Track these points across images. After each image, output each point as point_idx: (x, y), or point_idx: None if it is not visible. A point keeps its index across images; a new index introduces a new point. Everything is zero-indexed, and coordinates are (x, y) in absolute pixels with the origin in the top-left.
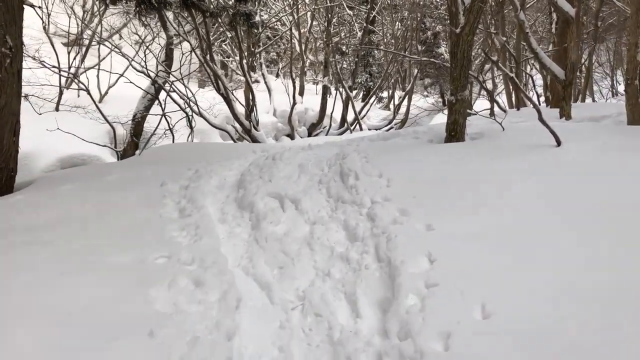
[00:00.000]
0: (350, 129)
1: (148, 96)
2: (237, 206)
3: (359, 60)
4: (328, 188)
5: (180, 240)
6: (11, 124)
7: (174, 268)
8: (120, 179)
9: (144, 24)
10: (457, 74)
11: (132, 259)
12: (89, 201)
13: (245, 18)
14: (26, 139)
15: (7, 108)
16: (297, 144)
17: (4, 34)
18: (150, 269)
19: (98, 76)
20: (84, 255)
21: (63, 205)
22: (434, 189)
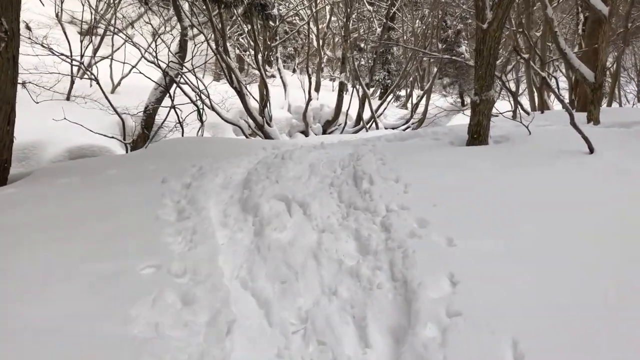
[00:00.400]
0: (366, 127)
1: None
2: (241, 208)
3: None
4: (340, 192)
5: (174, 247)
6: (5, 113)
7: (162, 281)
8: (121, 173)
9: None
10: (483, 73)
11: (117, 268)
12: (85, 197)
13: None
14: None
15: (1, 95)
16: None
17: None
18: (135, 280)
19: (111, 66)
20: (67, 261)
21: (56, 201)
22: (455, 197)
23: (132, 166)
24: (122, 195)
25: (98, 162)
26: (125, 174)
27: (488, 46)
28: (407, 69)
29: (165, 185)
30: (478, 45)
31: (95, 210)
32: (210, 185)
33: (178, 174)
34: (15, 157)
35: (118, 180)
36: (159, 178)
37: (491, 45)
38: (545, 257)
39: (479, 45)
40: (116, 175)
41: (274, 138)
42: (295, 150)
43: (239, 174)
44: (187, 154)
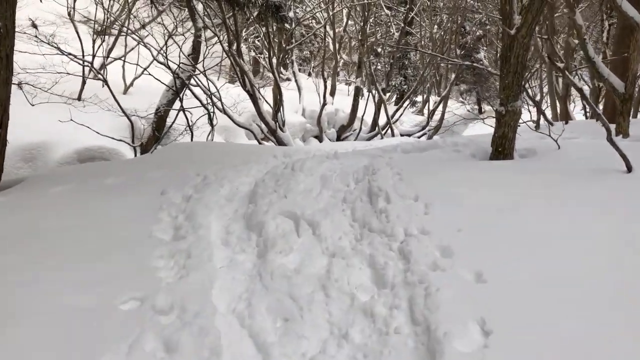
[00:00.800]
0: (381, 133)
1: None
2: (245, 225)
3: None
4: (353, 209)
5: (164, 273)
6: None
7: (143, 319)
8: (119, 182)
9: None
10: (509, 82)
11: (94, 301)
12: (75, 209)
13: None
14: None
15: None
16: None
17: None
18: (112, 319)
19: (123, 67)
20: (38, 290)
21: (43, 212)
22: (482, 221)
23: (133, 174)
24: (116, 208)
25: (97, 169)
26: (123, 183)
27: (515, 53)
28: (424, 75)
29: (164, 197)
30: (504, 52)
31: (84, 224)
32: (214, 198)
33: (180, 183)
34: (23, 157)
35: (115, 189)
36: (159, 188)
37: (519, 52)
38: (594, 297)
39: (506, 52)
40: (114, 184)
41: (286, 143)
42: (306, 161)
43: (247, 184)
44: (193, 161)
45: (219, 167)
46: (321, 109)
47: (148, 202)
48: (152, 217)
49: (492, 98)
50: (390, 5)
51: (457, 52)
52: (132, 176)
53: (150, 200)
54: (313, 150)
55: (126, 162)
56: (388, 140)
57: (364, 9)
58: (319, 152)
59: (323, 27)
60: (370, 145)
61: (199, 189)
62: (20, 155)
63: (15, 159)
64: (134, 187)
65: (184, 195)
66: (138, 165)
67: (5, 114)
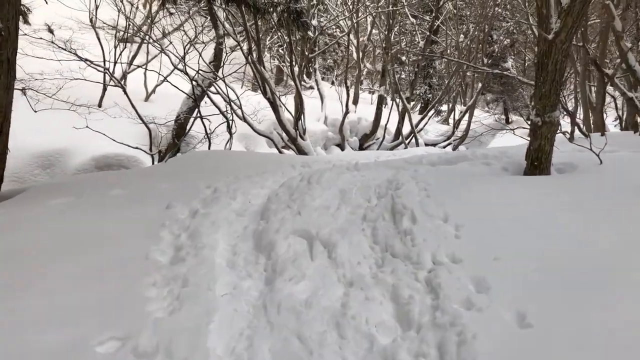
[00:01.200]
0: (405, 142)
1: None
2: (254, 245)
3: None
4: (374, 229)
5: (154, 306)
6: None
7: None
8: (124, 194)
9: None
10: (546, 91)
11: (64, 342)
12: (71, 225)
13: (296, 16)
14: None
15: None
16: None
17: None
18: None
19: (145, 73)
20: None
21: (37, 228)
22: (522, 248)
23: (140, 185)
24: (115, 223)
25: (104, 180)
26: (129, 195)
27: (554, 60)
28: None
29: (169, 211)
30: (541, 58)
31: (77, 241)
32: (223, 213)
33: (188, 196)
34: (40, 164)
35: (119, 202)
36: (165, 201)
37: (558, 58)
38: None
39: (542, 59)
40: (118, 197)
41: (306, 152)
42: (324, 172)
43: (261, 197)
44: (206, 171)
45: (232, 178)
46: (344, 117)
47: (151, 217)
48: (153, 234)
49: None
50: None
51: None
52: (138, 188)
53: (154, 216)
54: (333, 160)
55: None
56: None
57: (389, 17)
58: (339, 162)
59: (347, 35)
60: (393, 155)
61: (207, 203)
62: (38, 162)
63: (33, 166)
64: (138, 200)
65: (191, 210)
66: (148, 175)
67: (6, 122)
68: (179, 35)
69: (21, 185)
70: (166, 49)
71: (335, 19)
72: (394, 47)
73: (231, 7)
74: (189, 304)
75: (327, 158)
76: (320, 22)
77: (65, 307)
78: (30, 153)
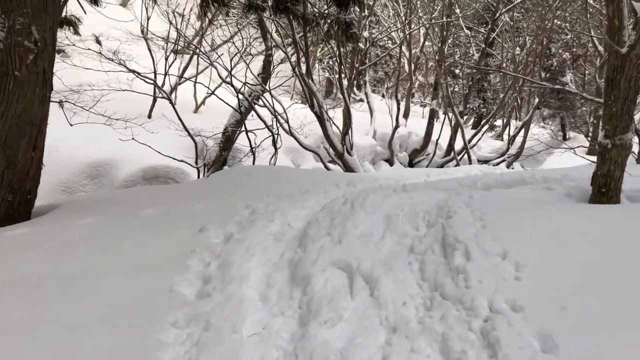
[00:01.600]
0: (456, 158)
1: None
2: (289, 275)
3: (473, 84)
4: (422, 263)
5: (168, 354)
6: (30, 136)
7: None
8: (157, 214)
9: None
10: (618, 110)
11: None
12: (94, 249)
13: (345, 27)
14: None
15: (25, 116)
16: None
17: (28, 24)
18: None
19: (195, 85)
20: None
21: (58, 252)
22: (595, 294)
23: (175, 204)
24: (143, 248)
25: (139, 196)
26: (161, 216)
27: (627, 76)
28: (505, 98)
29: (201, 235)
30: (611, 74)
31: (96, 270)
32: (259, 237)
33: (224, 218)
34: (89, 174)
35: (149, 224)
36: (199, 223)
37: (632, 75)
38: None
39: (613, 75)
40: (150, 217)
41: (353, 168)
42: (369, 195)
43: (301, 219)
44: (246, 189)
45: (272, 197)
46: (393, 131)
47: (181, 242)
48: (182, 263)
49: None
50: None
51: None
52: (173, 207)
53: (184, 240)
54: (380, 179)
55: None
56: (465, 169)
57: (443, 28)
58: (385, 182)
59: (399, 47)
60: (445, 173)
61: (243, 226)
62: (87, 172)
63: (82, 176)
64: (171, 222)
65: (226, 234)
66: (185, 193)
67: (40, 135)
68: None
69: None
70: (216, 61)
71: (387, 30)
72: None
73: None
74: (207, 354)
75: (374, 176)
76: (372, 34)
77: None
78: (80, 163)
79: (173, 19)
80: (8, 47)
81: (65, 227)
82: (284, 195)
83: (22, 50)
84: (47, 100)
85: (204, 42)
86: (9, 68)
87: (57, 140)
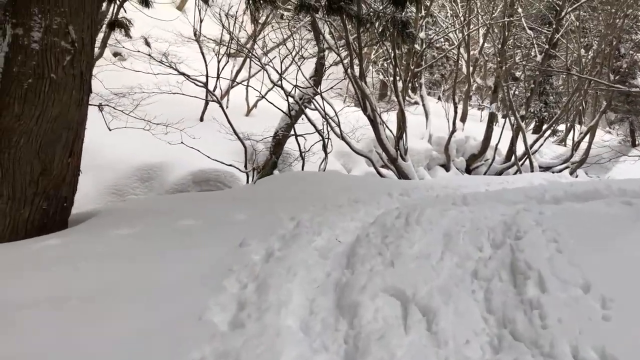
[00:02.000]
0: (518, 164)
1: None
2: (335, 301)
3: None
4: (488, 291)
5: None
6: (66, 141)
7: None
8: (196, 226)
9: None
10: None
11: None
12: (123, 265)
13: (401, 27)
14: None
15: (61, 119)
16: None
17: (66, 24)
18: None
19: (247, 88)
20: None
21: (85, 268)
22: None
23: (216, 214)
24: (176, 265)
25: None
26: (200, 228)
27: None
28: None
29: (241, 251)
30: None
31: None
32: (302, 254)
33: (266, 231)
34: (140, 177)
35: (186, 237)
36: (240, 237)
37: None
38: None
39: None
40: (188, 229)
41: (407, 174)
42: (425, 209)
43: (350, 233)
44: (292, 198)
45: (319, 207)
46: (450, 135)
47: (218, 258)
48: (215, 284)
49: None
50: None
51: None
52: (213, 218)
53: (222, 256)
54: (436, 188)
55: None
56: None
57: (503, 29)
58: (443, 191)
59: (456, 48)
60: (506, 182)
61: (286, 240)
62: (138, 175)
63: (132, 179)
64: (209, 234)
65: (267, 250)
66: (228, 200)
67: (78, 140)
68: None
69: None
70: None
71: (444, 31)
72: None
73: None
74: None
75: (430, 184)
76: (428, 35)
77: None
78: (131, 166)
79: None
80: (44, 48)
81: (97, 238)
82: (332, 206)
83: (59, 52)
84: (84, 103)
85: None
86: (44, 70)
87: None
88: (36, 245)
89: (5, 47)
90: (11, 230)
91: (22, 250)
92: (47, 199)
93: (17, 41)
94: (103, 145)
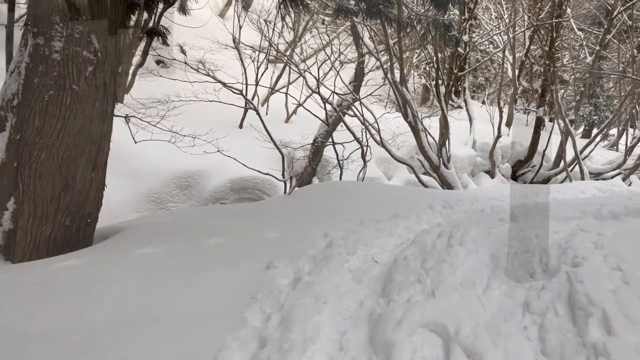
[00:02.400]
0: (568, 171)
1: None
2: (368, 335)
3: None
4: (542, 328)
5: None
6: (89, 155)
7: None
8: (222, 245)
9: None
10: None
11: None
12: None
13: (444, 30)
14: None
15: (84, 133)
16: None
17: (88, 32)
18: None
19: (286, 94)
20: None
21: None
22: None
23: (244, 232)
24: (198, 290)
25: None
26: (226, 247)
27: None
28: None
29: (267, 274)
30: None
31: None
32: (334, 278)
33: (296, 251)
34: (179, 185)
35: (212, 256)
36: (268, 257)
37: None
38: None
39: None
40: (215, 248)
41: (450, 183)
42: (470, 228)
43: (388, 251)
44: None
45: (354, 222)
46: (495, 141)
47: (242, 283)
48: (236, 315)
49: None
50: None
51: None
52: (240, 235)
53: (246, 280)
54: (481, 199)
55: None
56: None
57: (551, 30)
58: (488, 203)
59: (501, 51)
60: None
61: (318, 262)
62: (177, 182)
63: (171, 186)
64: (234, 255)
65: (296, 273)
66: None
67: (102, 154)
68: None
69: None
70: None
71: (488, 34)
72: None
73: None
74: None
75: (474, 195)
76: (472, 38)
77: None
78: (170, 173)
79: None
80: (66, 59)
81: (119, 258)
82: (369, 221)
83: (81, 61)
84: (108, 115)
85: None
86: (66, 81)
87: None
88: (54, 266)
89: (26, 57)
90: (32, 249)
91: (39, 272)
92: (70, 215)
93: (37, 51)
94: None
